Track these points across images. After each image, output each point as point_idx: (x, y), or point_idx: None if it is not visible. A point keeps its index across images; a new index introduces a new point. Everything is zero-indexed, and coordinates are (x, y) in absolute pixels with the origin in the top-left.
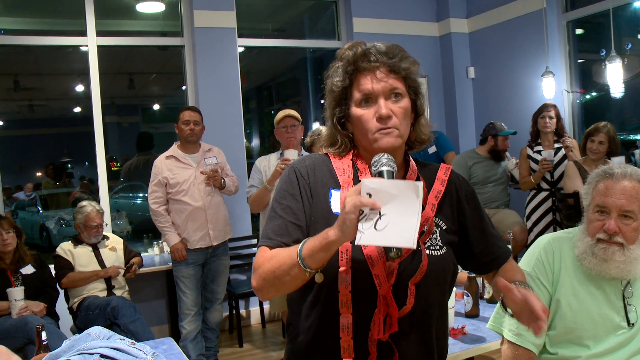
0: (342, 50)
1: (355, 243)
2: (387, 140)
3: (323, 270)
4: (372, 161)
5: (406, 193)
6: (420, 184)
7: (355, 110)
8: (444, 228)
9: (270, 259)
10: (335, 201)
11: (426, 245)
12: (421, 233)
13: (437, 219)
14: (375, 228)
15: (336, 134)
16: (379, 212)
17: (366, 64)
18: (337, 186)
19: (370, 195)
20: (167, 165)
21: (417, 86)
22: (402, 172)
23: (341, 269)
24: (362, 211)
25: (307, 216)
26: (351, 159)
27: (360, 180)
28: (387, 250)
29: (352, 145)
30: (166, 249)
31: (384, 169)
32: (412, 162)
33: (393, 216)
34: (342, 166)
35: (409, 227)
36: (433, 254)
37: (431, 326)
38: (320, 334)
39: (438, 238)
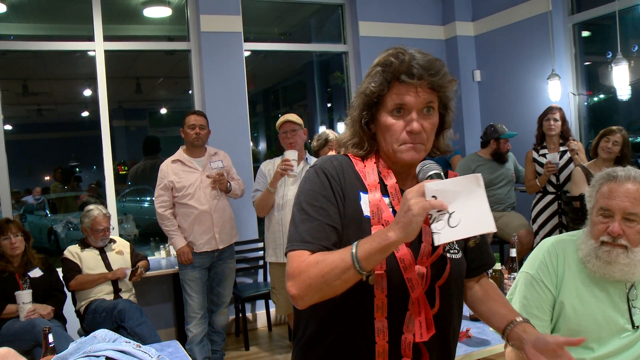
0: (386, 56)
1: (435, 244)
2: (411, 155)
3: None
4: (418, 169)
5: (468, 186)
6: (480, 175)
7: (386, 118)
8: None
9: (316, 263)
10: (365, 204)
11: (446, 250)
12: None
13: None
14: (449, 226)
15: (363, 135)
16: (448, 211)
17: (409, 78)
18: (364, 189)
19: (435, 198)
20: (173, 169)
21: (448, 102)
22: (415, 180)
23: (377, 273)
24: (431, 215)
25: (341, 218)
26: (374, 162)
27: (385, 184)
28: (466, 240)
29: (375, 148)
30: (172, 252)
31: (434, 172)
32: None
33: (463, 210)
34: (366, 169)
35: (482, 214)
36: (453, 257)
37: (450, 328)
38: (347, 341)
39: (455, 242)
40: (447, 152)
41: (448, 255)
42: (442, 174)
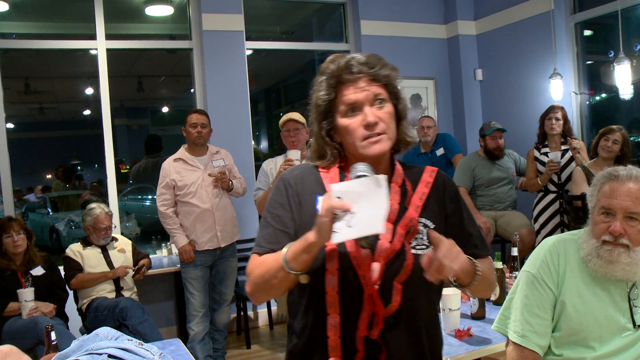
0: (325, 65)
1: (331, 242)
2: (376, 147)
3: (312, 273)
4: (350, 170)
5: (371, 187)
6: (383, 176)
7: (342, 121)
8: (432, 227)
9: (259, 264)
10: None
11: (412, 245)
12: (406, 233)
13: (424, 219)
14: (348, 225)
15: (325, 146)
16: (351, 211)
17: (349, 75)
18: (324, 193)
19: (340, 198)
20: (175, 168)
21: (397, 92)
22: (388, 177)
23: (328, 271)
24: (336, 214)
25: (296, 224)
26: (338, 167)
27: None
28: (358, 241)
29: (340, 156)
30: (174, 250)
31: (360, 174)
32: (398, 166)
33: (363, 211)
34: (329, 175)
35: (376, 215)
36: (419, 253)
37: (420, 324)
38: (313, 335)
39: (425, 238)
40: (409, 144)
41: (413, 251)
42: (368, 175)
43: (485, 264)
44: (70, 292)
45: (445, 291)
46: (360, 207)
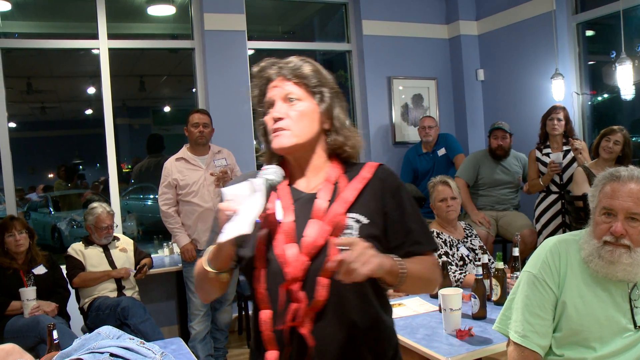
0: (254, 68)
1: (217, 242)
2: (277, 142)
3: (247, 272)
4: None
5: (250, 190)
6: (261, 180)
7: (265, 118)
8: (365, 223)
9: (197, 269)
10: (279, 209)
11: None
12: (333, 229)
13: (356, 214)
14: (230, 226)
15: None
16: (237, 213)
17: (262, 76)
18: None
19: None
20: (177, 167)
21: (320, 91)
22: (322, 178)
23: (257, 269)
24: (229, 215)
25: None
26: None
27: (291, 186)
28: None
29: (273, 155)
30: (176, 250)
31: (262, 178)
32: (335, 164)
33: (245, 211)
34: None
35: (248, 217)
36: (347, 249)
37: (352, 319)
38: (257, 332)
39: (354, 233)
40: (343, 145)
41: (342, 248)
42: (267, 179)
43: (424, 262)
44: (72, 291)
45: (446, 291)
46: (244, 208)
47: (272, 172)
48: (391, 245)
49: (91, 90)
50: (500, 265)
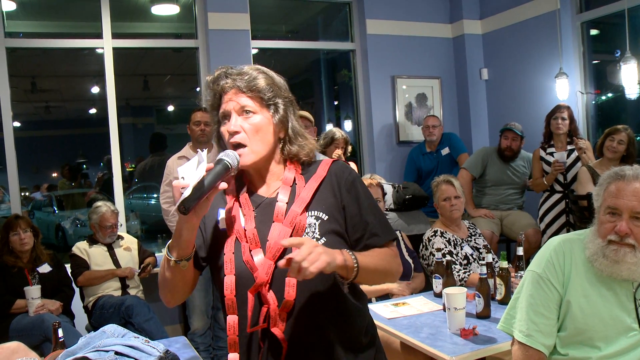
0: (209, 75)
1: (171, 212)
2: (241, 160)
3: (216, 280)
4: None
5: (197, 163)
6: (203, 152)
7: (221, 129)
8: (324, 219)
9: (160, 266)
10: (222, 219)
11: None
12: (292, 231)
13: (316, 211)
14: (183, 195)
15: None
16: (188, 185)
17: (217, 86)
18: (225, 205)
19: (183, 178)
20: (179, 165)
21: (275, 103)
22: (289, 188)
23: (226, 276)
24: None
25: (203, 239)
26: (234, 176)
27: (253, 193)
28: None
29: None
30: None
31: (222, 157)
32: (290, 167)
33: (192, 179)
34: (229, 187)
35: (192, 181)
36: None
37: (323, 317)
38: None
39: (316, 230)
40: (299, 154)
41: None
42: (223, 160)
43: (381, 253)
44: (77, 290)
45: (450, 290)
46: (191, 181)
47: (230, 155)
48: (351, 239)
49: (95, 90)
50: (504, 264)
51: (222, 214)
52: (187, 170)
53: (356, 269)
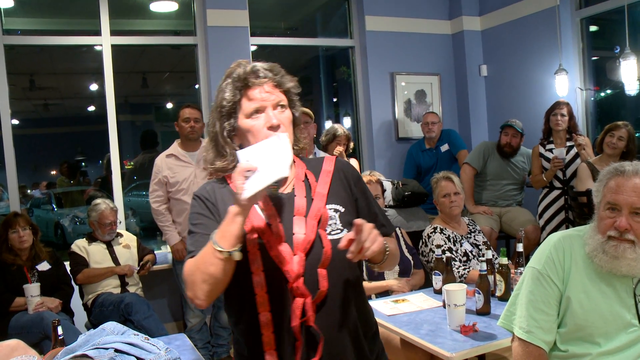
0: (231, 69)
1: (242, 198)
2: None
3: (239, 277)
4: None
5: (273, 145)
6: (284, 133)
7: (246, 122)
8: (342, 211)
9: (193, 262)
10: (260, 212)
11: (327, 232)
12: (318, 223)
13: (334, 205)
14: (255, 181)
15: (225, 146)
16: (259, 170)
17: (255, 79)
18: None
19: (248, 161)
20: (167, 164)
21: (296, 100)
22: (291, 177)
23: (254, 274)
24: (247, 177)
25: None
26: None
27: None
28: (267, 191)
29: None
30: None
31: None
32: (299, 162)
33: (268, 165)
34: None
35: (279, 163)
36: (335, 237)
37: (350, 303)
38: (252, 336)
39: (337, 222)
40: (303, 149)
41: (329, 237)
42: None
43: (391, 243)
44: (76, 288)
45: (450, 287)
46: (265, 164)
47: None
48: None
49: (94, 87)
50: (504, 260)
51: None
52: (256, 153)
53: (387, 255)
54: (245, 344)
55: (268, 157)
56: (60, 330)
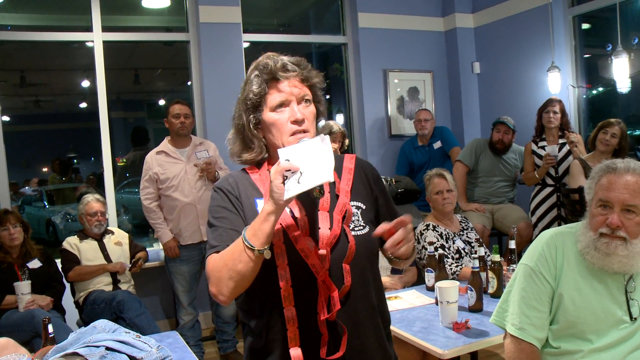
0: (259, 61)
1: (284, 198)
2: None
3: (263, 272)
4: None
5: (316, 147)
6: (326, 137)
7: (270, 115)
8: (364, 208)
9: (220, 258)
10: (260, 208)
11: (350, 228)
12: (342, 219)
13: (356, 202)
14: (297, 182)
15: (252, 138)
16: (300, 171)
17: (284, 73)
18: (261, 196)
19: (288, 161)
20: (158, 161)
21: (320, 95)
22: None
23: (279, 267)
24: (286, 176)
25: (245, 222)
26: (267, 170)
27: None
28: (311, 193)
29: (266, 151)
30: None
31: (303, 139)
32: None
33: (311, 167)
34: (260, 177)
35: (324, 167)
36: (358, 234)
37: (372, 298)
38: (271, 331)
39: (360, 219)
40: None
41: (353, 233)
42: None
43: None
44: (67, 285)
45: (443, 284)
46: (308, 165)
47: (309, 137)
48: None
49: (85, 84)
50: (496, 257)
51: (260, 204)
52: (297, 153)
53: (415, 253)
54: (265, 338)
55: (310, 159)
56: (50, 329)
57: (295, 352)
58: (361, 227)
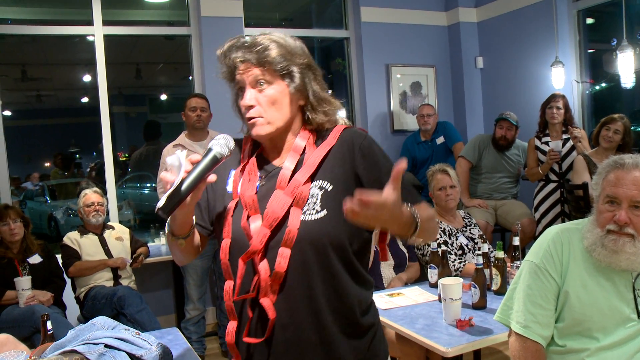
0: (220, 53)
1: (157, 206)
2: (254, 130)
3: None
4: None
5: (178, 162)
6: (182, 153)
7: (238, 102)
8: (329, 189)
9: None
10: (230, 180)
11: (303, 211)
12: (293, 201)
13: (321, 181)
14: (164, 192)
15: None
16: (173, 183)
17: (228, 60)
18: (237, 166)
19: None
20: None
21: (289, 72)
22: (297, 156)
23: (223, 240)
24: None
25: (208, 201)
26: (251, 142)
27: (266, 160)
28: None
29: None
30: None
31: (211, 146)
32: (303, 134)
33: (176, 180)
34: (245, 146)
35: (170, 189)
36: (308, 219)
37: (314, 287)
38: (221, 301)
39: (317, 202)
40: (324, 124)
41: (302, 217)
42: (211, 149)
43: (423, 210)
44: (68, 281)
45: (446, 281)
46: (176, 179)
47: (220, 143)
48: None
49: (87, 78)
50: (500, 254)
51: (232, 175)
52: (173, 165)
53: (418, 223)
54: (220, 309)
55: (176, 174)
56: (49, 325)
57: (231, 325)
58: (314, 212)
